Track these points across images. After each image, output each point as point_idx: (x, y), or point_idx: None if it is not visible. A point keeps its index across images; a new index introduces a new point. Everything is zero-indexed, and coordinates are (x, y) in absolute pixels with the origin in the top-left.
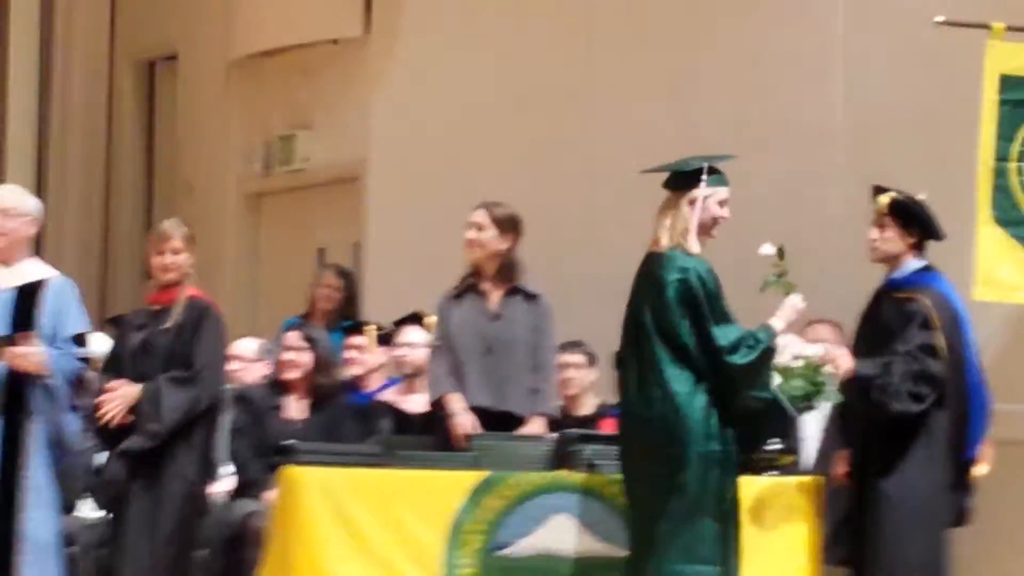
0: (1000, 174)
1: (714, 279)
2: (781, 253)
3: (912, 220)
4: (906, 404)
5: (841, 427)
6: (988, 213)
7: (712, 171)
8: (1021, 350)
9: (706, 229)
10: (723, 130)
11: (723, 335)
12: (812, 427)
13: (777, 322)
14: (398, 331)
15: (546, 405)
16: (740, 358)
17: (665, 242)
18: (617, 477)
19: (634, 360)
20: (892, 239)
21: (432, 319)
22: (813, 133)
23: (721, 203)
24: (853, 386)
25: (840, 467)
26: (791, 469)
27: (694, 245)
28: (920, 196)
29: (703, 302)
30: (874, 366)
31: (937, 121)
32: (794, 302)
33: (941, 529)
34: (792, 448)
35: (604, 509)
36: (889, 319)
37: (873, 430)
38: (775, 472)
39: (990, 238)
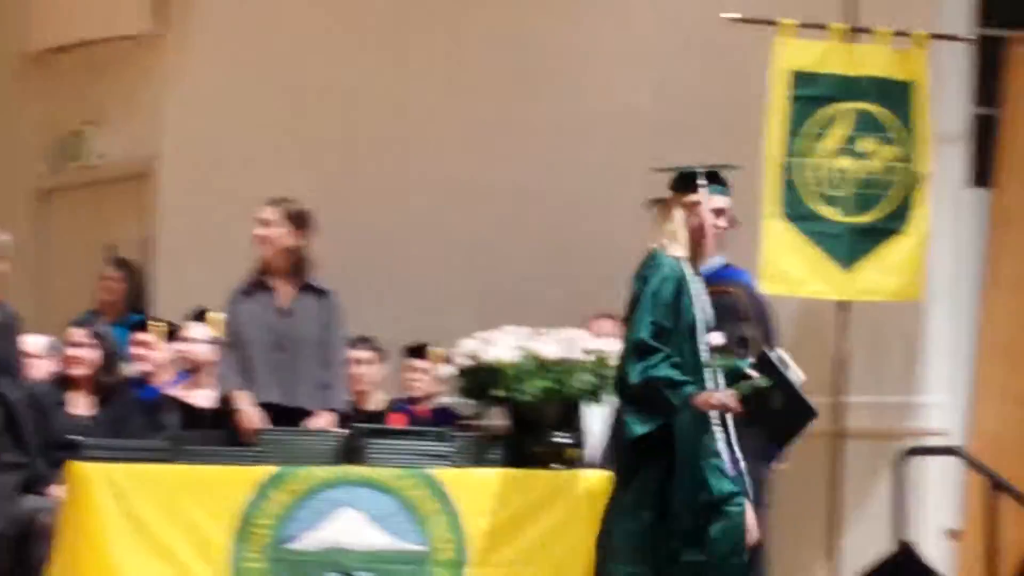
0: (788, 169)
1: (673, 287)
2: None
3: None
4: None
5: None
6: (774, 207)
7: (713, 178)
8: (808, 343)
9: (697, 235)
10: (535, 124)
11: (636, 342)
12: (598, 421)
13: (701, 398)
14: (184, 327)
15: (336, 400)
16: (635, 374)
17: (656, 242)
18: (404, 471)
19: None
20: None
21: (217, 315)
22: (619, 126)
23: (716, 212)
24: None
25: None
26: (577, 462)
27: (678, 248)
28: None
29: (643, 300)
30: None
31: (735, 115)
32: (727, 399)
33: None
34: (579, 441)
35: (392, 503)
36: None
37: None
38: (561, 465)
39: (776, 232)
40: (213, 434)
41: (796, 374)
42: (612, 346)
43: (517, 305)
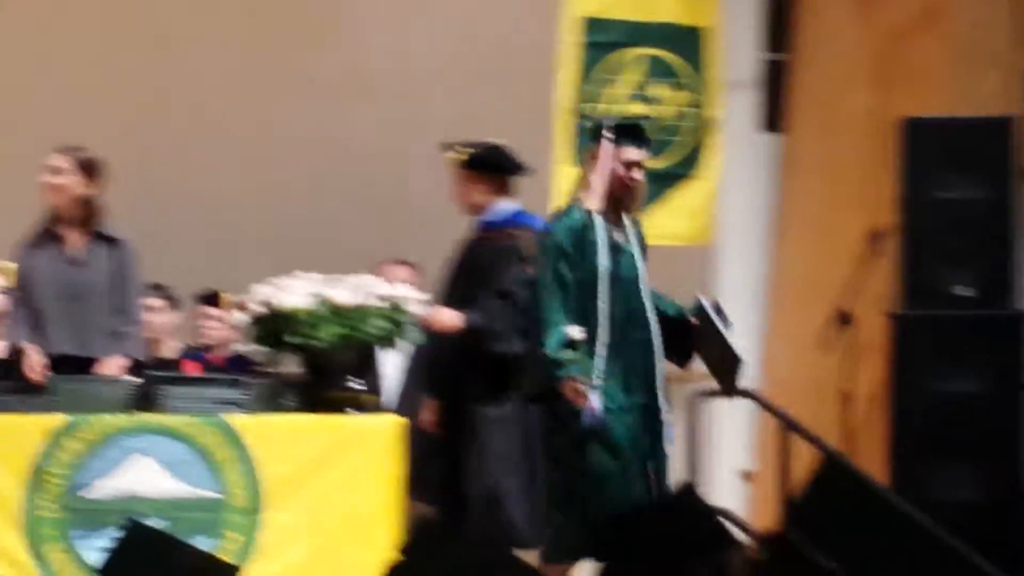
0: (580, 115)
1: (571, 238)
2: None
3: (490, 167)
4: (511, 344)
5: (430, 374)
6: (565, 153)
7: (625, 131)
8: None
9: (612, 187)
10: (330, 74)
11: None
12: (392, 366)
13: (567, 386)
14: None
15: (131, 348)
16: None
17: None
18: (198, 418)
19: None
20: (475, 191)
21: (8, 265)
22: (411, 80)
23: (627, 164)
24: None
25: (428, 415)
26: (373, 407)
27: (592, 201)
28: (495, 141)
29: (547, 253)
30: (480, 316)
31: (536, 62)
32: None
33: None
34: (374, 387)
35: (186, 450)
36: (478, 258)
37: (468, 373)
38: (356, 411)
39: (568, 178)
40: (4, 384)
41: (728, 322)
42: (405, 292)
43: (311, 252)
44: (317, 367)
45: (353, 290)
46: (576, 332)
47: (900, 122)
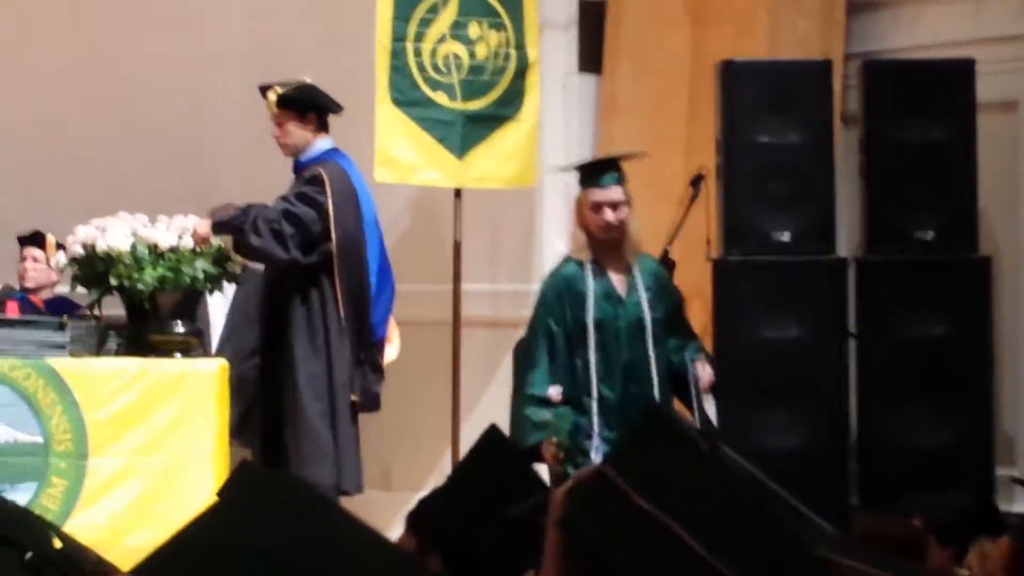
0: (396, 54)
1: (553, 292)
2: None
3: (306, 106)
4: (268, 242)
5: (260, 307)
6: (385, 93)
7: (585, 172)
8: (424, 231)
9: (592, 234)
10: (116, 10)
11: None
12: (218, 310)
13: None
14: None
15: None
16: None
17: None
18: (20, 361)
19: None
20: (293, 131)
21: None
22: (207, 13)
23: (594, 207)
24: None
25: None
26: (198, 351)
27: (574, 250)
28: (307, 78)
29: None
30: (232, 212)
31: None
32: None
33: (342, 407)
34: (199, 331)
35: (8, 394)
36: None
37: (269, 315)
38: (181, 354)
39: (388, 118)
40: None
41: (711, 408)
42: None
43: (133, 194)
44: (141, 310)
45: (174, 232)
46: (555, 392)
47: (718, 64)
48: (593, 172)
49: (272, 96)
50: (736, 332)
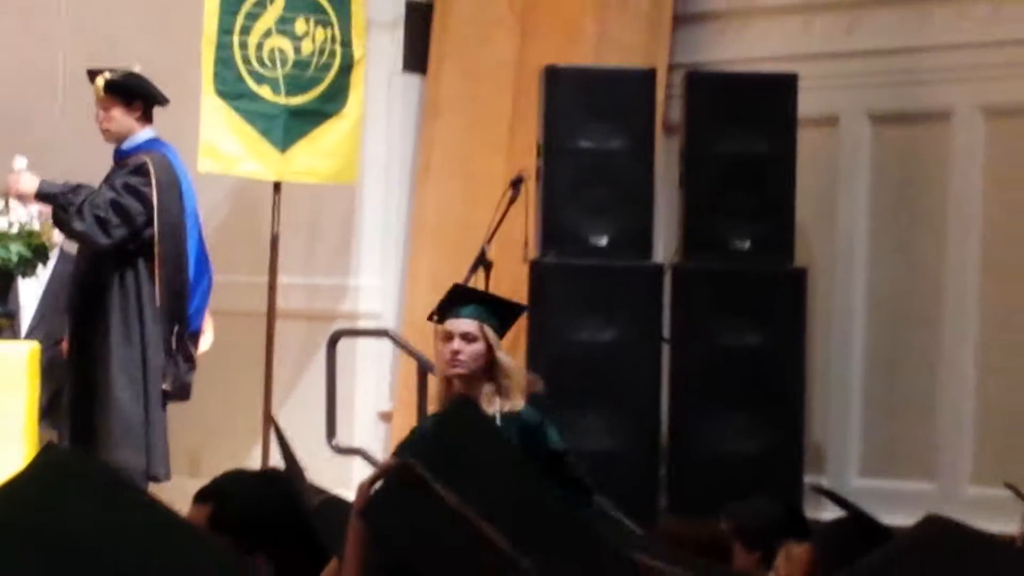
0: (223, 47)
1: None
2: None
3: (132, 94)
4: (91, 228)
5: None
6: (210, 85)
7: (443, 304)
8: (243, 222)
9: (447, 376)
10: None
11: None
12: (31, 292)
13: None
14: None
15: None
16: None
17: None
18: None
19: None
20: (118, 118)
21: None
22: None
23: (445, 337)
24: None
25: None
26: (8, 333)
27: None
28: (135, 67)
29: None
30: (60, 187)
31: None
32: None
33: (154, 395)
34: (11, 313)
35: None
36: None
37: (100, 294)
38: None
39: (212, 110)
40: None
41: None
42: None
43: None
44: None
45: None
46: None
47: (542, 68)
48: (450, 300)
49: (100, 81)
50: (550, 334)
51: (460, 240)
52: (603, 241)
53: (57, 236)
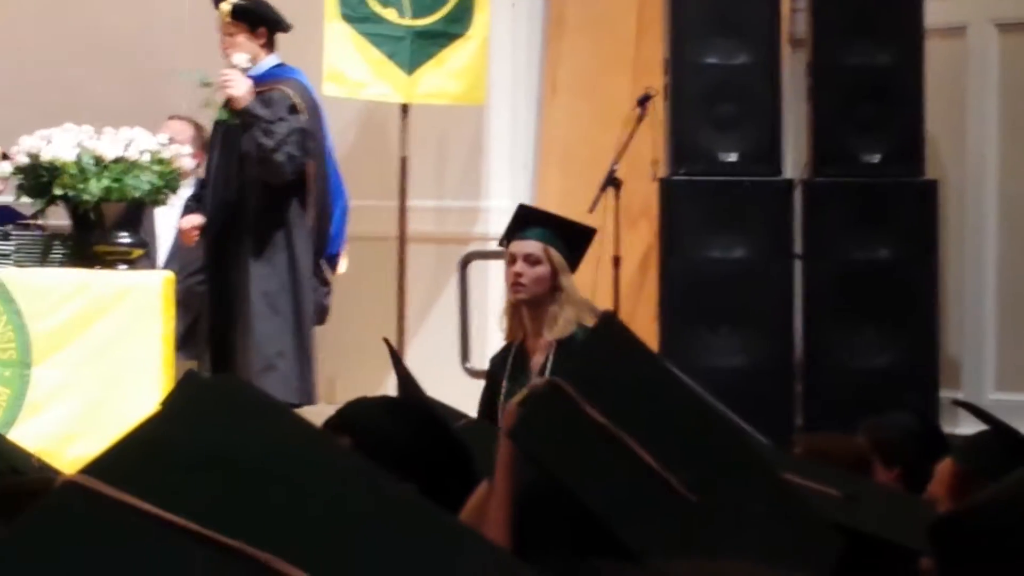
0: None
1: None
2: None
3: (257, 20)
4: (287, 163)
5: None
6: (334, 9)
7: (512, 223)
8: (371, 146)
9: (514, 300)
10: None
11: None
12: (165, 222)
13: None
14: None
15: None
16: None
17: None
18: None
19: None
20: (243, 43)
21: None
22: None
23: (509, 258)
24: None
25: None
26: (144, 263)
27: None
28: None
29: None
30: (267, 113)
31: None
32: None
33: (305, 322)
34: (145, 242)
35: None
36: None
37: (242, 223)
38: (126, 266)
39: (337, 34)
40: None
41: None
42: (175, 148)
43: (81, 106)
44: (85, 221)
45: (118, 143)
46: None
47: None
48: (518, 222)
49: (226, 6)
50: (681, 252)
51: (588, 159)
52: (732, 157)
53: (188, 163)
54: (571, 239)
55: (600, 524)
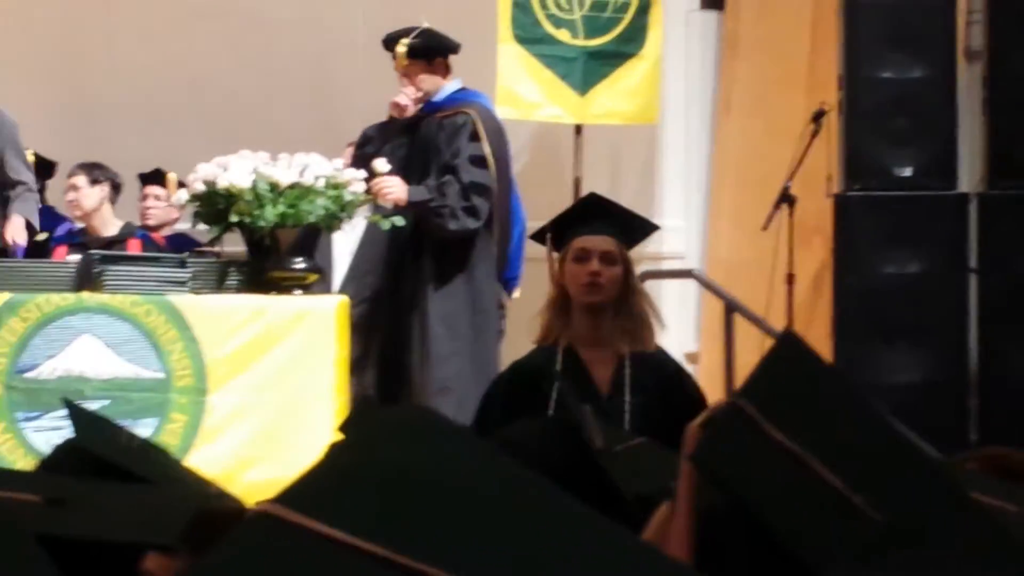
0: None
1: (487, 401)
2: None
3: (433, 53)
4: (463, 221)
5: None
6: (507, 31)
7: (569, 216)
8: (545, 167)
9: (567, 299)
10: None
11: None
12: (342, 246)
13: None
14: None
15: (24, 209)
16: None
17: None
18: (141, 298)
19: None
20: (425, 80)
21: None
22: None
23: (577, 254)
24: (411, 213)
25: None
26: (319, 287)
27: (541, 333)
28: (423, 23)
29: None
30: (427, 191)
31: None
32: None
33: (492, 345)
34: (320, 267)
35: (130, 330)
36: (432, 137)
37: (421, 249)
38: (301, 291)
39: (510, 56)
40: None
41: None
42: (350, 173)
43: (256, 132)
44: (261, 246)
45: (293, 169)
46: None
47: (841, 1)
48: (588, 213)
49: (402, 49)
50: (857, 268)
51: (762, 177)
52: (907, 171)
53: (358, 187)
54: (635, 235)
55: (783, 545)
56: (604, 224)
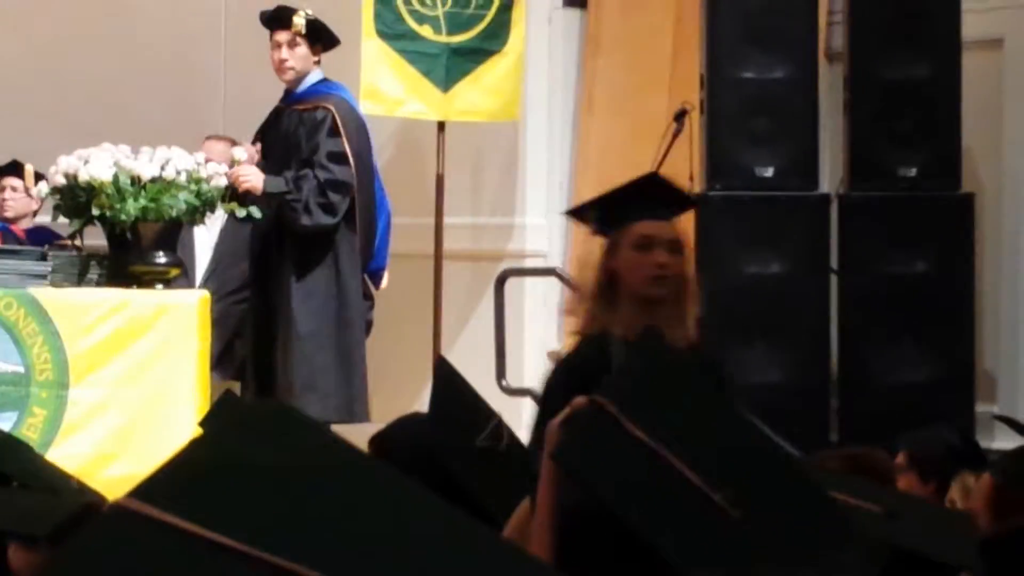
0: None
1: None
2: None
3: (318, 37)
4: (317, 217)
5: (251, 243)
6: (371, 27)
7: (625, 197)
8: (407, 164)
9: (632, 291)
10: None
11: None
12: (204, 240)
13: None
14: None
15: None
16: None
17: None
18: (1, 291)
19: None
20: (303, 57)
21: None
22: None
23: (640, 243)
24: (272, 205)
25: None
26: (181, 282)
27: (584, 323)
28: (308, 12)
29: None
30: (285, 183)
31: None
32: None
33: (359, 338)
34: (181, 262)
35: None
36: (292, 131)
37: (283, 243)
38: (163, 285)
39: (373, 51)
40: None
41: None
42: (214, 168)
43: (119, 124)
44: (122, 241)
45: (155, 163)
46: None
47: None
48: (650, 195)
49: (301, 20)
50: (718, 268)
51: (624, 175)
52: (768, 172)
53: (223, 182)
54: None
55: (642, 542)
56: (666, 209)
